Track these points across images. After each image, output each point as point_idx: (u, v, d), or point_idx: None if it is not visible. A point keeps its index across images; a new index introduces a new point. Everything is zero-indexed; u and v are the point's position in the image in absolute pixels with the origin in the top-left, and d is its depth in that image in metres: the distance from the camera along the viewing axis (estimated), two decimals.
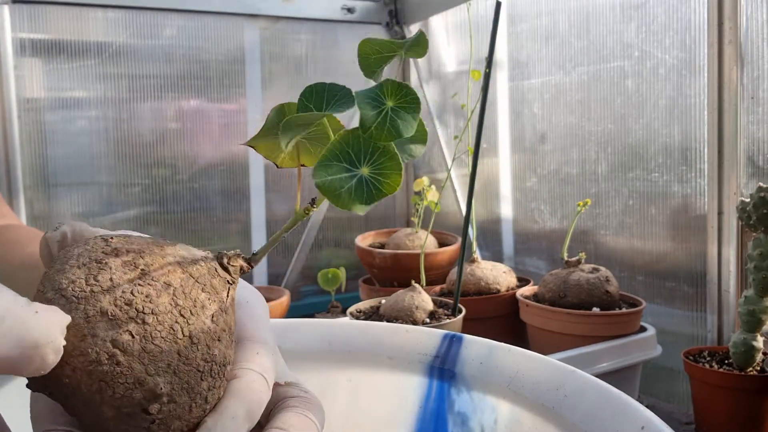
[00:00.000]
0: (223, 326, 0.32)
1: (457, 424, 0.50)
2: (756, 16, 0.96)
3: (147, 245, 0.32)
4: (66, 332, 0.27)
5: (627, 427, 0.38)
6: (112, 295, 0.29)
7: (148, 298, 0.29)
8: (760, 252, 0.85)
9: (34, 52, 1.38)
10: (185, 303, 0.31)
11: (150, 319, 0.29)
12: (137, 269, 0.30)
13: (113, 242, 0.32)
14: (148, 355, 0.29)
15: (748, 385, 0.87)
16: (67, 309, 0.28)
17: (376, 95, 0.32)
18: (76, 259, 0.30)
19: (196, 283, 0.32)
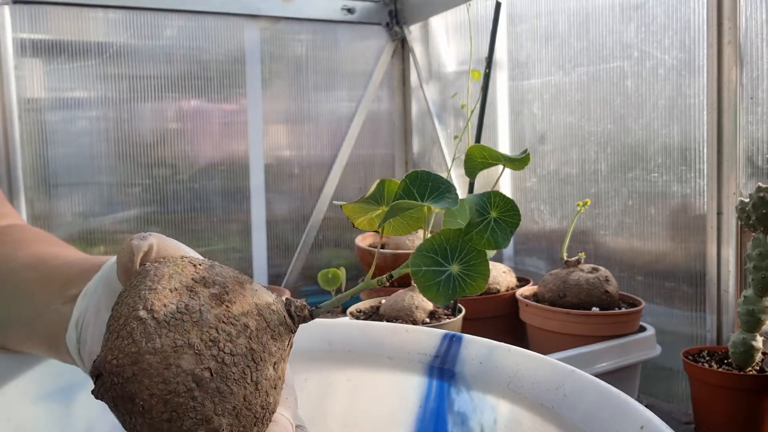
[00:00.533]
0: (280, 374, 0.34)
1: (457, 424, 0.50)
2: (755, 16, 0.96)
3: (231, 281, 0.33)
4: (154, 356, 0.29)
5: (626, 426, 0.38)
6: (200, 329, 0.30)
7: (229, 338, 0.31)
8: (759, 252, 0.85)
9: (35, 52, 1.39)
10: (258, 348, 0.32)
11: (228, 360, 0.30)
12: (222, 305, 0.32)
13: (200, 269, 0.33)
14: (220, 395, 0.30)
15: (747, 384, 0.87)
16: (158, 333, 0.30)
17: (484, 204, 0.35)
18: (167, 280, 0.32)
19: (267, 328, 0.33)
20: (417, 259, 0.35)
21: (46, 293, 0.43)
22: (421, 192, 0.35)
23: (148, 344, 0.29)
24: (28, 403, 0.49)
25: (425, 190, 0.36)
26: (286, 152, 1.70)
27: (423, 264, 0.35)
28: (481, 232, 0.34)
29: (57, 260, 0.47)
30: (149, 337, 0.30)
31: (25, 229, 0.58)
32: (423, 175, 0.36)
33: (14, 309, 0.45)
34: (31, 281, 0.46)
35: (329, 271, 1.43)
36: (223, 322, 0.31)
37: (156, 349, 0.29)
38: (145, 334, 0.30)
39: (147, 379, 0.29)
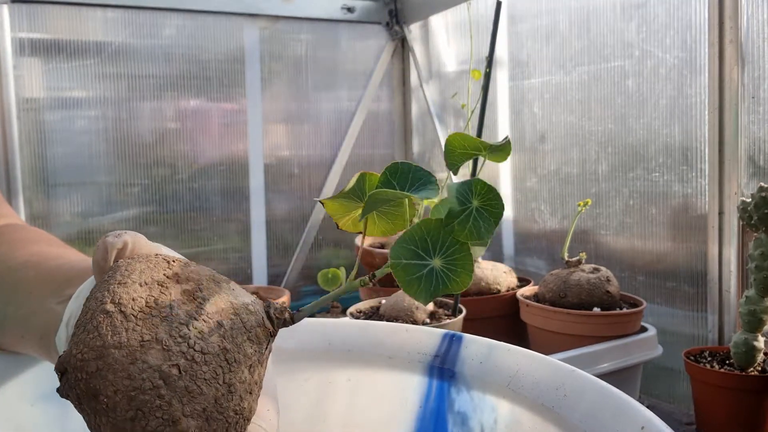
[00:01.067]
0: (256, 378, 0.32)
1: (457, 424, 0.50)
2: (757, 15, 0.96)
3: (206, 278, 0.32)
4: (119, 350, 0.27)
5: (627, 427, 0.38)
6: (169, 325, 0.29)
7: (201, 335, 0.29)
8: (761, 252, 0.85)
9: (34, 51, 1.38)
10: (231, 347, 0.30)
11: (198, 358, 0.29)
12: (195, 301, 0.30)
13: (174, 266, 0.32)
14: (189, 394, 0.28)
15: (749, 385, 0.87)
16: (125, 327, 0.28)
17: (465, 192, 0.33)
18: (138, 274, 0.30)
19: (243, 328, 0.31)
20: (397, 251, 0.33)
21: (43, 292, 0.43)
22: (402, 184, 0.34)
23: (113, 338, 0.28)
24: (26, 403, 0.49)
25: (406, 181, 0.34)
26: (286, 152, 1.70)
27: (403, 257, 0.33)
28: (462, 222, 0.32)
29: (56, 260, 0.47)
30: (115, 330, 0.28)
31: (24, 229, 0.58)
32: (404, 167, 0.34)
33: (11, 307, 0.45)
34: (29, 280, 0.45)
35: (329, 271, 1.43)
36: (195, 319, 0.30)
37: (122, 343, 0.28)
38: (111, 327, 0.28)
39: (111, 374, 0.28)
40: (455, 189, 0.33)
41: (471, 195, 0.33)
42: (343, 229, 0.39)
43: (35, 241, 0.54)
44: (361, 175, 0.36)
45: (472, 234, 0.32)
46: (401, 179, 0.34)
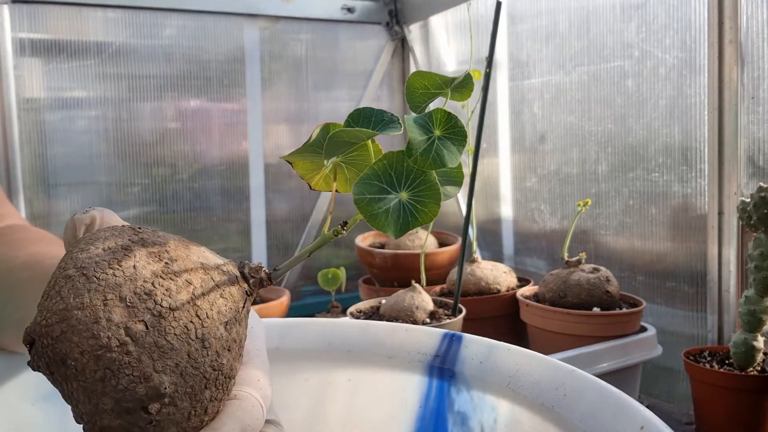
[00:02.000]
0: (234, 336, 0.31)
1: (457, 424, 0.50)
2: (756, 15, 0.96)
3: (174, 242, 0.31)
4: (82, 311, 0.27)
5: (626, 426, 0.38)
6: (133, 283, 0.28)
7: (168, 292, 0.29)
8: (760, 252, 0.85)
9: (34, 52, 1.38)
10: (203, 304, 0.30)
11: (166, 314, 0.28)
12: (161, 262, 0.30)
13: (142, 232, 0.31)
14: (159, 350, 0.28)
15: (748, 385, 0.87)
16: (87, 288, 0.28)
17: (425, 122, 0.33)
18: (102, 242, 0.30)
19: (216, 287, 0.31)
20: (360, 187, 0.32)
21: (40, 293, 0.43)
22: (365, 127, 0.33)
23: (75, 300, 0.27)
24: (26, 403, 0.49)
25: (369, 124, 0.33)
26: (286, 152, 1.69)
27: (367, 192, 0.32)
28: (425, 152, 0.32)
29: (54, 260, 0.47)
30: (77, 292, 0.28)
31: (26, 229, 0.58)
32: (366, 111, 0.34)
33: (9, 308, 0.45)
34: (27, 280, 0.46)
35: (329, 270, 1.43)
36: (161, 278, 0.29)
37: (84, 304, 0.27)
38: (73, 290, 0.28)
39: (76, 335, 0.27)
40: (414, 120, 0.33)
41: (432, 125, 0.33)
42: (315, 188, 0.38)
43: (35, 241, 0.54)
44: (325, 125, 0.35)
45: (435, 162, 0.32)
46: (364, 123, 0.34)
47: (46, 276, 0.45)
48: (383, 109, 0.34)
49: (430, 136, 0.32)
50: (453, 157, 0.32)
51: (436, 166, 0.32)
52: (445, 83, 0.36)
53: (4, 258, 0.50)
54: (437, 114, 0.33)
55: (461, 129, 0.33)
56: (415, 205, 0.32)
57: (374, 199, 0.32)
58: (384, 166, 0.33)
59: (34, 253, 0.50)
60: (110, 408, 0.28)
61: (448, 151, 0.32)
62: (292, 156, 0.36)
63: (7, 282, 0.47)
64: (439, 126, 0.33)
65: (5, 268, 0.49)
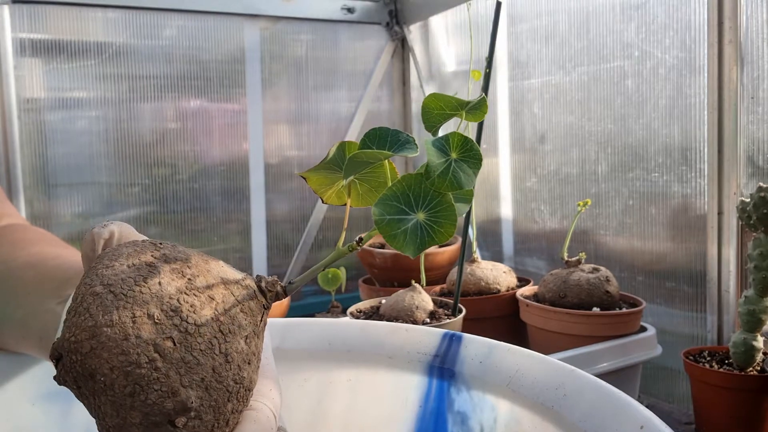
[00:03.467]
0: (254, 350, 0.32)
1: (457, 423, 0.50)
2: (756, 15, 0.96)
3: (194, 257, 0.32)
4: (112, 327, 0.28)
5: (626, 426, 0.38)
6: (159, 300, 0.29)
7: (193, 308, 0.30)
8: (760, 252, 0.85)
9: (34, 52, 1.38)
10: (225, 320, 0.31)
11: (192, 330, 0.29)
12: (184, 278, 0.31)
13: (162, 248, 0.32)
14: (186, 365, 0.29)
15: (748, 385, 0.87)
16: (116, 306, 0.28)
17: (443, 145, 0.34)
18: (126, 258, 0.31)
19: (236, 301, 0.32)
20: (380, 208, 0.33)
21: (42, 293, 0.43)
22: (381, 147, 0.34)
23: (104, 317, 0.28)
24: (27, 403, 0.49)
25: (385, 144, 0.34)
26: (286, 152, 1.70)
27: (386, 213, 0.33)
28: (443, 174, 0.33)
29: (56, 260, 0.47)
30: (106, 309, 0.28)
31: (27, 229, 0.58)
32: (382, 132, 0.35)
33: (10, 308, 0.45)
34: (29, 280, 0.46)
35: (329, 271, 1.43)
36: (186, 294, 0.30)
37: (113, 321, 0.28)
38: (102, 307, 0.29)
39: (106, 352, 0.28)
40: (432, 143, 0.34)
41: (449, 148, 0.34)
42: (327, 203, 0.39)
43: (36, 241, 0.54)
44: (341, 143, 0.36)
45: (452, 184, 0.33)
46: (380, 143, 0.35)
47: (46, 276, 0.45)
48: (398, 130, 0.35)
49: (448, 158, 0.33)
50: (469, 180, 0.33)
51: (453, 188, 0.33)
52: (461, 105, 0.37)
53: (5, 258, 0.50)
54: (454, 138, 0.34)
55: (477, 152, 0.34)
56: (432, 225, 0.33)
57: (393, 220, 0.33)
58: (403, 187, 0.34)
59: (35, 253, 0.50)
60: (138, 422, 0.28)
61: (464, 174, 0.33)
62: (309, 173, 0.37)
63: (8, 282, 0.47)
64: (456, 149, 0.34)
65: (6, 269, 0.49)
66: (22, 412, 0.48)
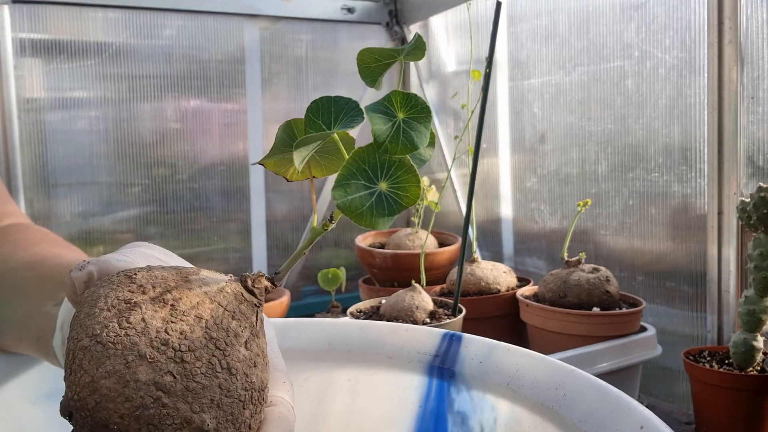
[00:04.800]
0: (257, 351, 0.32)
1: (457, 424, 0.50)
2: (756, 16, 0.96)
3: (171, 277, 0.32)
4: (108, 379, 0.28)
5: (626, 426, 0.38)
6: (147, 337, 0.29)
7: (183, 335, 0.30)
8: (760, 252, 0.85)
9: (34, 52, 1.38)
10: (219, 335, 0.30)
11: (188, 357, 0.29)
12: (167, 305, 0.30)
13: (138, 278, 0.32)
14: (191, 393, 0.29)
15: (748, 384, 0.87)
16: (106, 355, 0.29)
17: (386, 107, 0.32)
18: (104, 300, 0.30)
19: (225, 311, 0.32)
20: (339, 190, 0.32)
21: (40, 294, 0.43)
22: (327, 120, 0.33)
23: (99, 370, 0.28)
24: (27, 403, 0.49)
25: (329, 116, 0.33)
26: None
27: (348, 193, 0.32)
28: (393, 139, 0.31)
29: (54, 260, 0.47)
30: (98, 362, 0.29)
31: (29, 228, 0.58)
32: (323, 102, 0.33)
33: (10, 308, 0.45)
34: (28, 281, 0.46)
35: (329, 271, 1.43)
36: (172, 322, 0.30)
37: (109, 371, 0.28)
38: (93, 360, 0.29)
39: (110, 403, 0.28)
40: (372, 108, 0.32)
41: (393, 109, 0.32)
42: (292, 179, 0.37)
43: (37, 241, 0.54)
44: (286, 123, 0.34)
45: (406, 147, 0.31)
46: (324, 116, 0.33)
47: (47, 276, 0.45)
48: (340, 96, 0.33)
49: (394, 121, 0.32)
50: (422, 137, 0.31)
51: (408, 150, 0.31)
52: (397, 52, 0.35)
53: (5, 258, 0.50)
54: (396, 97, 0.32)
55: (424, 106, 0.32)
56: (396, 192, 0.32)
57: (355, 199, 0.32)
58: (357, 163, 0.32)
59: (36, 253, 0.50)
60: None
61: (416, 132, 0.31)
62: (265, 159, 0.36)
63: (9, 282, 0.47)
64: (401, 108, 0.32)
65: (7, 269, 0.49)
66: (22, 412, 0.48)
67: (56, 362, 0.41)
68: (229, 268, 1.62)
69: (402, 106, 0.32)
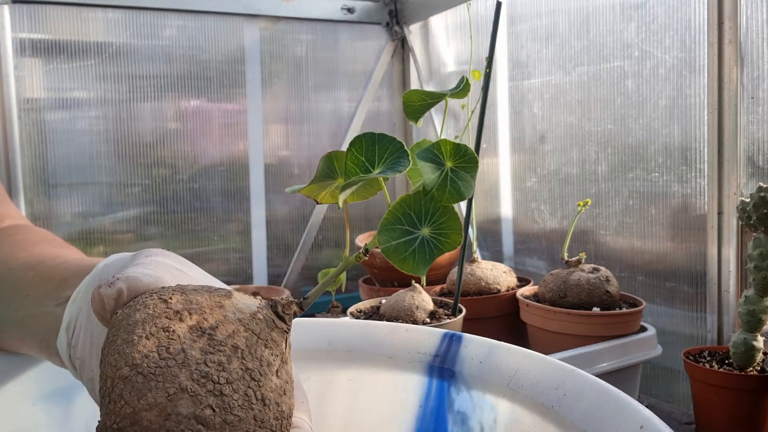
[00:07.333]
0: (286, 378, 0.33)
1: (457, 423, 0.50)
2: (756, 16, 0.96)
3: (206, 302, 0.32)
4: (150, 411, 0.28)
5: (626, 426, 0.38)
6: (188, 369, 0.29)
7: (221, 367, 0.30)
8: (760, 252, 0.85)
9: (34, 52, 1.38)
10: (253, 365, 0.31)
11: (227, 390, 0.30)
12: (204, 335, 0.31)
13: (173, 303, 0.32)
14: (229, 426, 0.29)
15: (748, 384, 0.87)
16: (147, 387, 0.29)
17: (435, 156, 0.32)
18: (142, 327, 0.31)
19: (259, 339, 0.32)
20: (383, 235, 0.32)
21: (41, 294, 0.43)
22: (370, 158, 0.33)
23: (141, 401, 0.29)
24: (27, 403, 0.49)
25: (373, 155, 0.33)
26: (287, 152, 1.70)
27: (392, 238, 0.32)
28: (441, 187, 0.32)
29: (55, 260, 0.47)
30: (140, 393, 0.29)
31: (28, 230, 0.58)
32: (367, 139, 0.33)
33: (11, 309, 0.45)
34: (28, 281, 0.46)
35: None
36: (210, 353, 0.30)
37: (150, 404, 0.29)
38: (135, 392, 0.29)
39: None
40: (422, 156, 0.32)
41: (442, 158, 0.32)
42: (322, 202, 0.38)
43: (37, 242, 0.54)
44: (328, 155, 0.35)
45: (453, 196, 0.32)
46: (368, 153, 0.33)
47: (45, 277, 0.45)
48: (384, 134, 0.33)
49: (443, 170, 0.32)
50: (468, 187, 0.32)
51: (454, 200, 0.32)
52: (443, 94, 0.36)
53: (5, 259, 0.50)
54: (445, 146, 0.32)
55: (472, 156, 0.32)
56: (438, 237, 0.32)
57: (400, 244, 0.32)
58: (403, 209, 0.33)
59: (35, 254, 0.50)
60: None
61: (463, 182, 0.32)
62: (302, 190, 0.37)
63: (8, 283, 0.47)
64: (450, 158, 0.32)
65: (6, 270, 0.49)
66: (22, 412, 0.48)
67: (60, 363, 0.41)
68: (229, 268, 1.63)
69: (451, 155, 0.33)
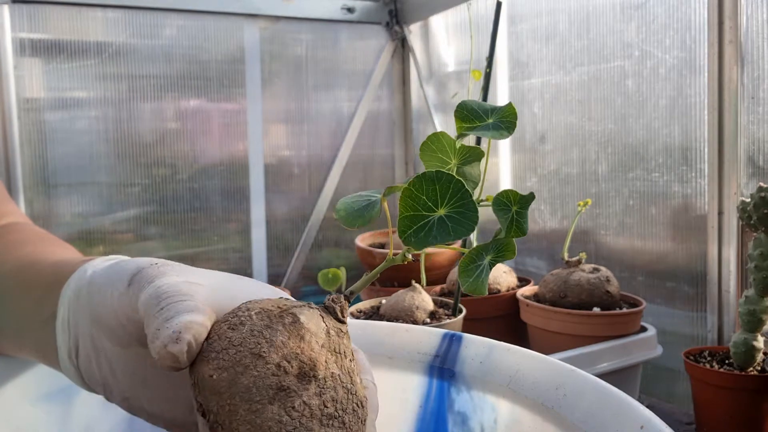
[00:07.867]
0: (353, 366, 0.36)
1: (457, 424, 0.50)
2: (756, 15, 0.96)
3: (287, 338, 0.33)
4: None
5: (627, 426, 0.38)
6: (316, 418, 0.32)
7: (335, 401, 0.33)
8: (760, 252, 0.85)
9: (34, 52, 1.38)
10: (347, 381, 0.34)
11: (347, 418, 0.33)
12: (311, 379, 0.32)
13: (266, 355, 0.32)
14: None
15: (748, 385, 0.87)
16: None
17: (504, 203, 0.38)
18: (257, 391, 0.31)
19: (339, 356, 0.34)
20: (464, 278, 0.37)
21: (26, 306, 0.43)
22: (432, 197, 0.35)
23: None
24: (27, 403, 0.49)
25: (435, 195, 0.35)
26: (286, 152, 1.70)
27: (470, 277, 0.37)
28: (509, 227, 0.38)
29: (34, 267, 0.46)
30: None
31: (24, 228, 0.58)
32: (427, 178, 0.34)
33: (3, 318, 0.45)
34: (13, 288, 0.45)
35: (329, 271, 1.43)
36: (323, 395, 0.32)
37: None
38: None
39: None
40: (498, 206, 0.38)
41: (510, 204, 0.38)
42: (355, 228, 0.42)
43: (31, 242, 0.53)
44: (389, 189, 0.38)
45: (518, 233, 0.38)
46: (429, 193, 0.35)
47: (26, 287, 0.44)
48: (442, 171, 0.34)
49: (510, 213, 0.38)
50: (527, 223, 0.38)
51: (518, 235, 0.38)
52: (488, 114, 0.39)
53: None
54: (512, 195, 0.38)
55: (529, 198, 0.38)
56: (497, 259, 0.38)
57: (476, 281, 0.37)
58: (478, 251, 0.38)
59: (29, 253, 0.49)
60: None
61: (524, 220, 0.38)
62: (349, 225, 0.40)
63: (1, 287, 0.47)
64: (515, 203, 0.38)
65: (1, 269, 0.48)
66: (22, 412, 0.48)
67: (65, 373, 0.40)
68: (229, 268, 1.62)
69: (515, 201, 0.38)
